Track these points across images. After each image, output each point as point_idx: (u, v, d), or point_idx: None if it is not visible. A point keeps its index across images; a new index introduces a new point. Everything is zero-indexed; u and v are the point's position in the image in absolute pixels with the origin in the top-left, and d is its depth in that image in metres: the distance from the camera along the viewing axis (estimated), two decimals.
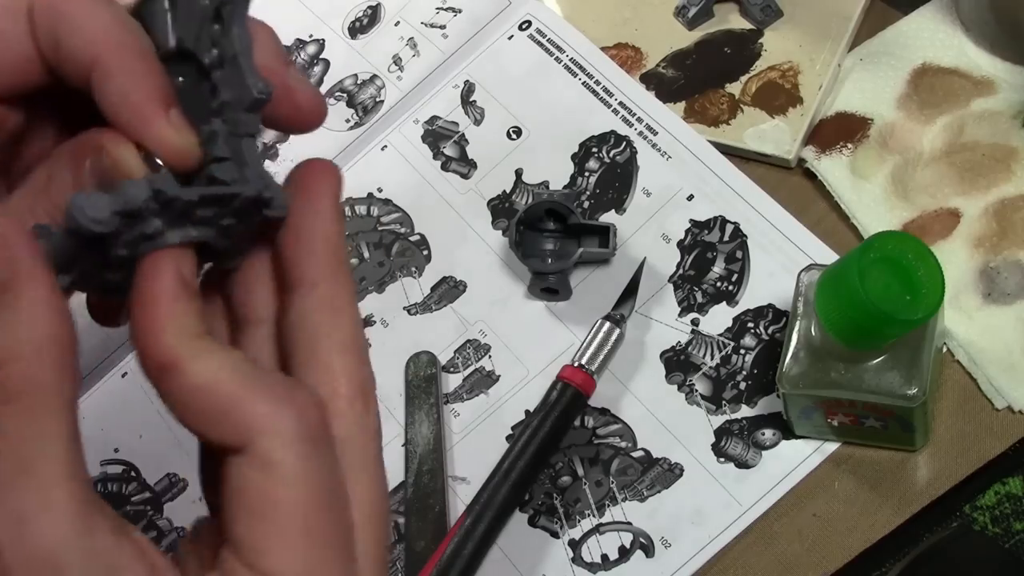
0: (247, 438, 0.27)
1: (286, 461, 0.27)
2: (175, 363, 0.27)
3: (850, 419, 0.49)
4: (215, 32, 0.29)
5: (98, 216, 0.26)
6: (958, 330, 0.52)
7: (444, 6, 0.68)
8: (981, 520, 0.49)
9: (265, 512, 0.27)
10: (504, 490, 0.53)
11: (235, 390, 0.27)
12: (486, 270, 0.60)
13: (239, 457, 0.27)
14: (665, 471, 0.53)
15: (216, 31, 0.29)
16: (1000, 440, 0.50)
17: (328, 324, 0.29)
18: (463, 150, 0.63)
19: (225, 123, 0.29)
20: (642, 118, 0.61)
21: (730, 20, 0.63)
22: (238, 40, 0.29)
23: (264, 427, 0.27)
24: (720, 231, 0.57)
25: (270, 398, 0.27)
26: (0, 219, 0.26)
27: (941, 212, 0.55)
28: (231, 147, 0.29)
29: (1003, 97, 0.56)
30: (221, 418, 0.27)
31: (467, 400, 0.57)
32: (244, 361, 0.28)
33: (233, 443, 0.27)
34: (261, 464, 0.27)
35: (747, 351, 0.54)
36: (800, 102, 0.59)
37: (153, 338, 0.27)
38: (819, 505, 0.51)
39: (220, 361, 0.27)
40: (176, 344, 0.27)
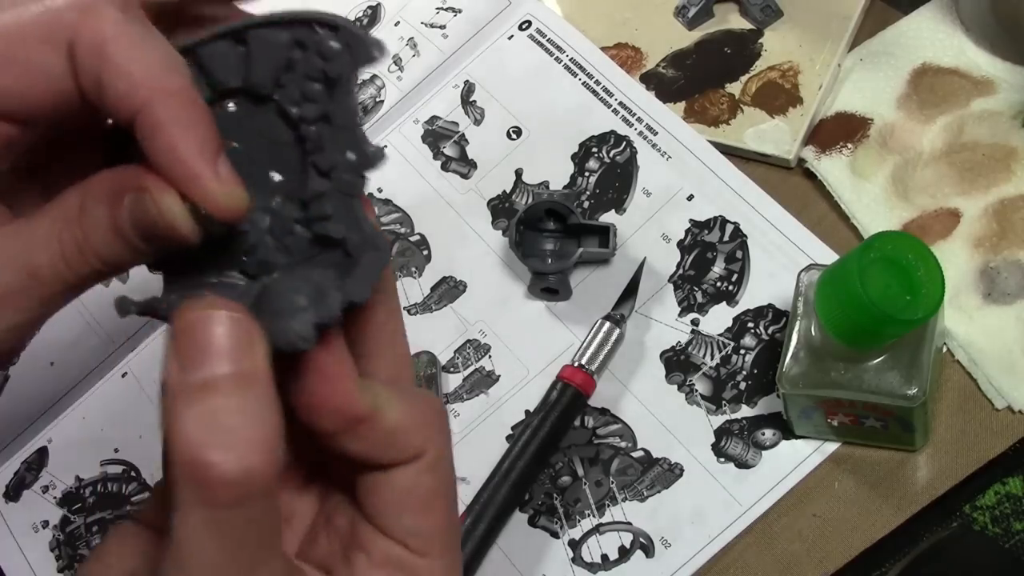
0: (422, 449, 0.31)
1: (447, 459, 0.32)
2: (371, 415, 0.30)
3: (850, 419, 0.49)
4: (314, 90, 0.30)
5: (306, 335, 0.28)
6: (958, 330, 0.52)
7: (444, 6, 0.68)
8: (981, 520, 0.49)
9: (432, 504, 0.32)
10: (504, 490, 0.53)
11: (407, 414, 0.31)
12: (486, 270, 0.60)
13: (411, 465, 0.31)
14: (665, 471, 0.53)
15: (317, 90, 0.30)
16: (1000, 440, 0.50)
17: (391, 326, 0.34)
18: (463, 150, 0.63)
19: (333, 182, 0.30)
20: (642, 118, 0.61)
21: (730, 20, 0.63)
22: (352, 108, 0.30)
23: (431, 435, 0.31)
24: (720, 231, 0.57)
25: (427, 408, 0.32)
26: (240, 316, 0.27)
27: (941, 212, 0.55)
28: (340, 205, 0.30)
29: (1003, 97, 0.56)
30: (403, 442, 0.31)
31: (467, 400, 0.57)
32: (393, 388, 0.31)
33: (406, 458, 0.31)
34: (432, 465, 0.31)
35: (747, 351, 0.54)
36: (800, 102, 0.59)
37: (347, 399, 0.30)
38: (819, 505, 0.51)
39: (394, 400, 0.31)
40: (367, 400, 0.30)
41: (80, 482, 0.63)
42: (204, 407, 0.26)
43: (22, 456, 0.64)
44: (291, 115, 0.30)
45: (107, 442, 0.63)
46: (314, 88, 0.30)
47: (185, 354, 0.27)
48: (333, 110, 0.30)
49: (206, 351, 0.27)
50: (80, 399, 0.64)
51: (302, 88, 0.30)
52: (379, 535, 0.32)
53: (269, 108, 0.31)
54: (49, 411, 0.65)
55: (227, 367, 0.26)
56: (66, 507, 0.62)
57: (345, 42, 0.29)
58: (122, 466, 0.62)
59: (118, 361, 0.64)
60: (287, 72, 0.30)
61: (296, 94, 0.30)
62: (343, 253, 0.30)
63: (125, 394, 0.64)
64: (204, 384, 0.26)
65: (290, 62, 0.30)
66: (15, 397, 0.66)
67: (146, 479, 0.61)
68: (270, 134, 0.31)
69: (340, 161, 0.30)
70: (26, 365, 0.66)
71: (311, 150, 0.30)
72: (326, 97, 0.30)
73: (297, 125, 0.30)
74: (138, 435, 0.63)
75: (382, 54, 0.29)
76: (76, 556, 0.61)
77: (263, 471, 0.26)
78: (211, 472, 0.25)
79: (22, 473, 0.64)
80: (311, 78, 0.30)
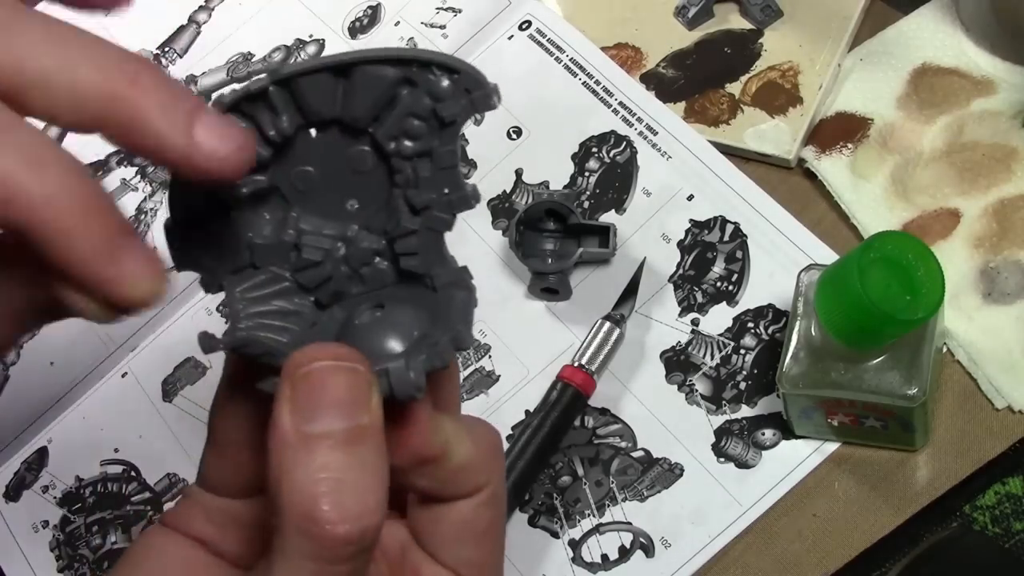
0: (484, 483, 0.31)
1: (503, 492, 0.32)
2: (443, 453, 0.30)
3: (850, 419, 0.49)
4: (416, 128, 0.30)
5: (421, 385, 0.28)
6: (958, 330, 0.52)
7: (444, 6, 0.68)
8: (981, 520, 0.49)
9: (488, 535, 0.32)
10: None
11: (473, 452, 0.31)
12: (486, 270, 0.60)
13: (470, 499, 0.31)
14: (665, 471, 0.53)
15: (419, 127, 0.30)
16: (1000, 440, 0.50)
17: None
18: (463, 150, 0.63)
19: (424, 219, 0.30)
20: (642, 118, 0.61)
21: (730, 20, 0.63)
22: (457, 152, 0.30)
23: (494, 470, 0.32)
24: (720, 231, 0.57)
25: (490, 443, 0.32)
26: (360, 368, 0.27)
27: (941, 212, 0.55)
28: (428, 242, 0.30)
29: (1003, 97, 0.56)
30: (467, 479, 0.31)
31: (467, 400, 0.57)
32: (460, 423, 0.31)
33: (470, 491, 0.31)
34: (491, 498, 0.32)
35: (747, 351, 0.54)
36: (800, 102, 0.59)
37: (423, 440, 0.29)
38: (819, 505, 0.51)
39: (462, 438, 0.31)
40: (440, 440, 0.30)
41: (80, 482, 0.63)
42: (320, 460, 0.26)
43: (22, 456, 0.64)
44: (386, 149, 0.30)
45: (107, 442, 0.63)
46: (416, 126, 0.30)
47: (301, 403, 0.26)
48: (438, 150, 0.30)
49: (325, 403, 0.26)
50: (80, 399, 0.64)
51: (402, 125, 0.30)
52: (431, 562, 0.32)
53: (361, 140, 0.30)
54: (49, 411, 0.65)
55: (345, 421, 0.26)
56: (66, 507, 0.62)
57: (464, 87, 0.29)
58: (122, 466, 0.62)
59: (118, 361, 0.64)
60: (387, 107, 0.30)
61: (395, 130, 0.30)
62: (425, 287, 0.30)
63: (125, 394, 0.64)
64: (321, 436, 0.26)
65: (393, 99, 0.30)
66: (15, 397, 0.66)
67: (146, 479, 0.61)
68: (354, 163, 0.30)
69: (435, 199, 0.30)
70: (26, 365, 0.66)
71: (402, 184, 0.30)
72: (429, 136, 0.30)
73: (389, 159, 0.30)
74: (138, 435, 0.63)
75: (500, 101, 0.29)
76: (76, 556, 0.61)
77: (376, 527, 0.26)
78: (328, 530, 0.25)
79: (22, 473, 0.64)
80: (415, 116, 0.30)
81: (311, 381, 0.26)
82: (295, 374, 0.27)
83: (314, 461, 0.26)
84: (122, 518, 0.61)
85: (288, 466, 0.26)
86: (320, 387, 0.26)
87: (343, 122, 0.30)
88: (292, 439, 0.26)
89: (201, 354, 0.63)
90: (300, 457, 0.26)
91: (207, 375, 0.62)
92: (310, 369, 0.27)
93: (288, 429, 0.26)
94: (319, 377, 0.26)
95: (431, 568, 0.32)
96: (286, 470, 0.26)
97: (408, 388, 0.28)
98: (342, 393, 0.26)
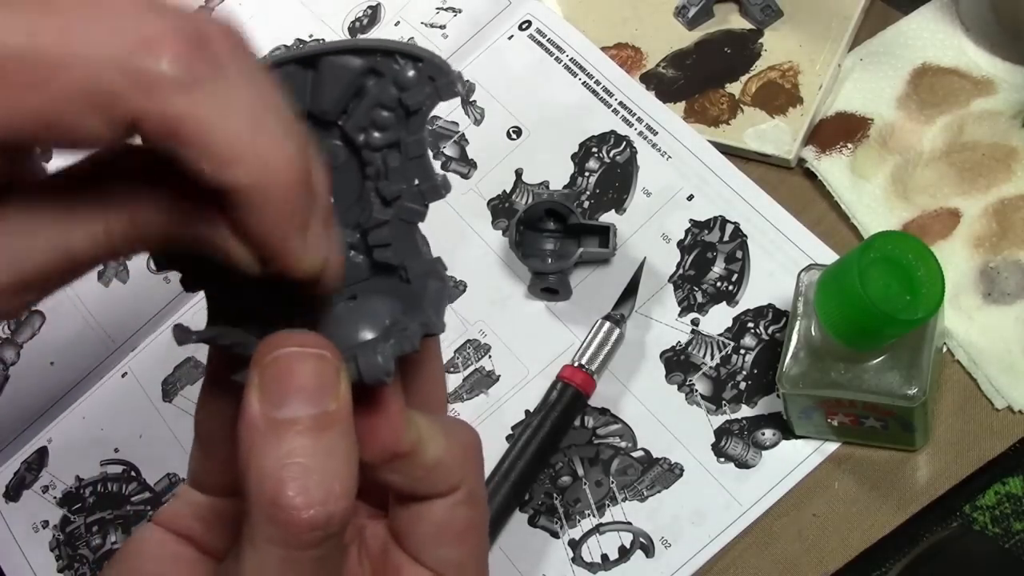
0: (459, 483, 0.31)
1: (481, 491, 0.32)
2: (415, 449, 0.30)
3: (850, 419, 0.49)
4: (384, 119, 0.30)
5: (390, 369, 0.28)
6: (958, 330, 0.52)
7: (444, 6, 0.68)
8: (981, 520, 0.49)
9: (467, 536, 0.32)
10: (504, 490, 0.53)
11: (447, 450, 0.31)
12: (486, 270, 0.60)
13: (449, 498, 0.31)
14: (665, 471, 0.53)
15: (387, 118, 0.30)
16: (1000, 440, 0.50)
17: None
18: (463, 150, 0.63)
19: (396, 210, 0.30)
20: (642, 118, 0.61)
21: (730, 20, 0.63)
22: (425, 139, 0.30)
23: (469, 469, 0.32)
24: (720, 231, 0.57)
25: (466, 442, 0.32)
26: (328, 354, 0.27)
27: (941, 212, 0.55)
28: (401, 233, 0.30)
29: (1003, 97, 0.56)
30: (441, 477, 0.31)
31: (467, 400, 0.57)
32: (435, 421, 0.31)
33: (444, 490, 0.31)
34: (468, 498, 0.31)
35: (747, 351, 0.54)
36: (800, 102, 0.59)
37: (393, 434, 0.29)
38: (819, 505, 0.51)
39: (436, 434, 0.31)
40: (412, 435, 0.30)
41: (80, 482, 0.63)
42: (287, 446, 0.26)
43: (22, 456, 0.64)
44: (355, 141, 0.30)
45: (107, 442, 0.63)
46: (384, 117, 0.30)
47: (269, 390, 0.26)
48: (406, 140, 0.30)
49: (292, 389, 0.26)
50: (80, 399, 0.64)
51: (371, 116, 0.30)
52: (412, 563, 0.32)
53: (331, 133, 0.30)
54: (49, 411, 0.65)
55: (312, 408, 0.26)
56: (66, 507, 0.62)
57: (428, 75, 0.29)
58: (122, 466, 0.62)
59: (118, 361, 0.64)
60: (355, 99, 0.30)
61: (364, 121, 0.30)
62: (400, 279, 0.30)
63: (125, 394, 0.64)
64: (288, 422, 0.26)
65: (360, 89, 0.30)
66: (15, 397, 0.66)
67: (146, 479, 0.61)
68: (327, 159, 0.30)
69: (405, 190, 0.30)
70: (26, 365, 0.66)
71: (372, 176, 0.30)
72: (397, 126, 0.30)
73: (359, 151, 0.30)
74: (138, 435, 0.63)
75: (465, 89, 0.29)
76: (76, 556, 0.61)
77: (343, 514, 0.26)
78: (294, 515, 0.25)
79: (22, 473, 0.64)
80: (383, 106, 0.30)
81: (278, 368, 0.27)
82: (262, 361, 0.27)
83: (281, 447, 0.26)
84: (122, 518, 0.61)
85: (256, 452, 0.26)
86: (287, 374, 0.26)
87: (313, 116, 0.30)
88: (260, 425, 0.26)
89: (201, 354, 0.63)
90: (268, 443, 0.26)
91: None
92: (277, 356, 0.27)
93: (256, 415, 0.26)
94: (286, 364, 0.27)
95: (412, 568, 0.32)
96: (254, 456, 0.26)
97: (377, 373, 0.28)
98: (309, 379, 0.26)
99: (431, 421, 0.31)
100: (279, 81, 0.28)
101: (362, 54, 0.30)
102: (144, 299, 0.65)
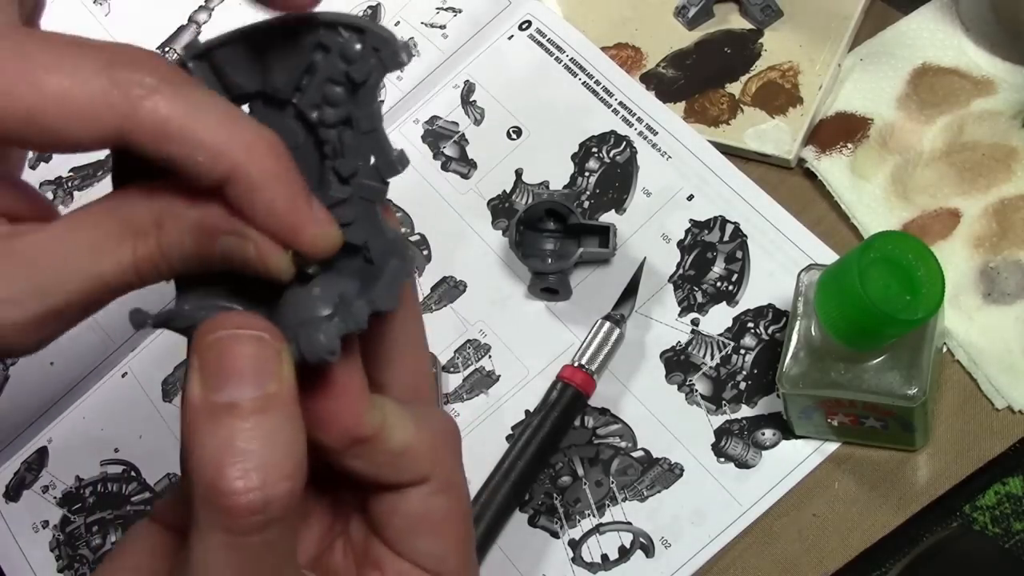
0: (430, 472, 0.31)
1: (459, 481, 0.32)
2: (376, 436, 0.29)
3: (850, 419, 0.49)
4: (336, 94, 0.29)
5: (333, 347, 0.27)
6: (958, 330, 0.52)
7: (444, 6, 0.68)
8: (981, 520, 0.49)
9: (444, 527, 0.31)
10: (504, 490, 0.53)
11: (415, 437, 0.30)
12: (486, 270, 0.60)
13: (421, 488, 0.31)
14: (665, 471, 0.53)
15: (338, 94, 0.29)
16: (1000, 440, 0.50)
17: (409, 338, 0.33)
18: (463, 150, 0.63)
19: (354, 188, 0.29)
20: (642, 118, 0.61)
21: (730, 20, 0.63)
22: (377, 112, 0.29)
23: (442, 457, 0.31)
24: (720, 231, 0.57)
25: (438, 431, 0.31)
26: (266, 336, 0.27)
27: (941, 212, 0.55)
28: (361, 212, 0.30)
29: (1003, 97, 0.56)
30: (409, 465, 0.30)
31: (467, 400, 0.57)
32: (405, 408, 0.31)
33: (413, 480, 0.31)
34: (443, 488, 0.31)
35: (747, 351, 0.54)
36: (800, 102, 0.59)
37: (354, 418, 0.29)
38: (819, 505, 0.51)
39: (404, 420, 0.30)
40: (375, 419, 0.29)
41: (80, 482, 0.63)
42: (226, 430, 0.26)
43: (22, 456, 0.64)
44: (310, 119, 0.30)
45: (107, 442, 0.63)
46: (335, 92, 0.29)
47: (208, 373, 0.26)
48: (356, 114, 0.29)
49: (230, 372, 0.26)
50: (80, 399, 0.64)
51: (323, 92, 0.29)
52: (392, 555, 0.31)
53: (287, 112, 0.30)
54: (49, 411, 0.65)
55: (251, 390, 0.26)
56: (66, 507, 0.62)
57: (372, 46, 0.29)
58: (122, 466, 0.62)
59: (118, 361, 0.64)
60: (307, 75, 0.29)
61: (316, 97, 0.29)
62: (364, 260, 0.30)
63: (125, 394, 0.64)
64: (227, 406, 0.26)
65: (311, 65, 0.29)
66: (15, 397, 0.66)
67: (146, 479, 0.61)
68: (286, 139, 0.30)
69: (362, 167, 0.29)
70: (26, 365, 0.66)
71: (330, 155, 0.30)
72: (348, 101, 0.29)
73: (315, 129, 0.30)
74: (138, 435, 0.63)
75: (410, 58, 0.29)
76: (76, 556, 0.61)
77: (284, 498, 0.26)
78: (231, 500, 0.25)
79: (22, 473, 0.64)
80: (333, 81, 0.29)
81: (216, 350, 0.26)
82: (201, 344, 0.27)
83: (221, 431, 0.26)
84: (122, 518, 0.61)
85: (197, 436, 0.26)
86: (225, 356, 0.26)
87: (267, 95, 0.30)
88: (200, 408, 0.26)
89: None
90: (207, 427, 0.26)
91: None
92: (215, 338, 0.27)
93: (196, 398, 0.26)
94: (224, 346, 0.26)
95: (393, 561, 0.31)
96: (195, 440, 0.26)
97: (319, 350, 0.27)
98: (247, 362, 0.26)
99: (400, 408, 0.31)
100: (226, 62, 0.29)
101: (307, 28, 0.29)
102: (144, 299, 0.65)
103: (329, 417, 0.29)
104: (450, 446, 0.32)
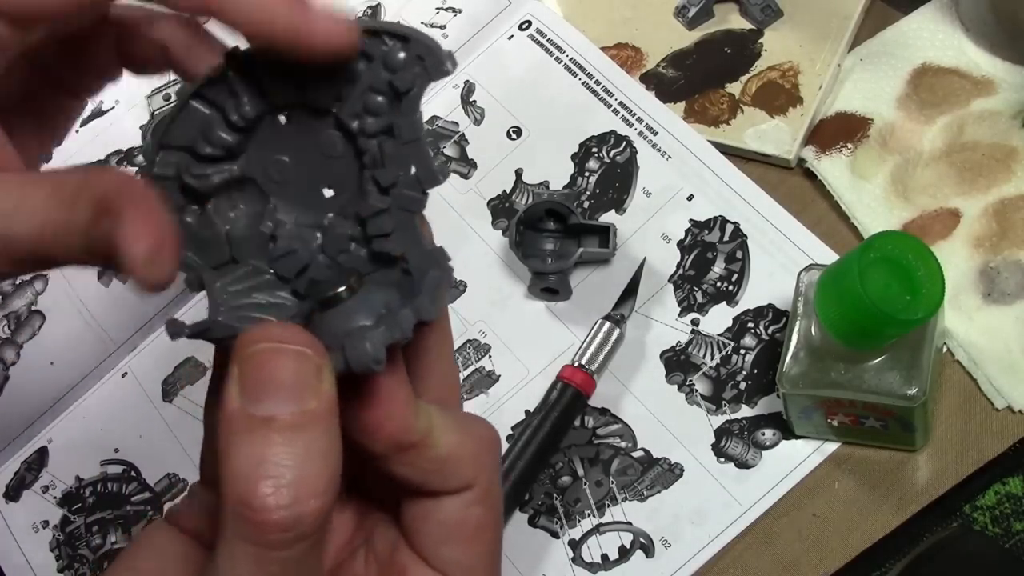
0: (473, 480, 0.30)
1: (497, 491, 0.31)
2: (423, 442, 0.29)
3: (850, 419, 0.49)
4: (377, 103, 0.29)
5: (380, 357, 0.27)
6: (958, 330, 0.52)
7: (444, 6, 0.68)
8: (981, 520, 0.49)
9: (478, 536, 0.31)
10: (504, 490, 0.53)
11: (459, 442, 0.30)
12: (486, 270, 0.60)
13: (464, 495, 0.30)
14: (665, 471, 0.53)
15: (380, 103, 0.29)
16: (1000, 440, 0.50)
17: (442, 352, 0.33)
18: (463, 150, 0.63)
19: (393, 198, 0.29)
20: (642, 118, 0.61)
21: (730, 20, 0.63)
22: (420, 122, 0.29)
23: (483, 465, 0.31)
24: (720, 231, 0.57)
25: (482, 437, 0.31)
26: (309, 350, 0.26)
27: (941, 212, 0.55)
28: (400, 222, 0.29)
29: (1003, 97, 0.56)
30: (453, 472, 0.30)
31: (467, 400, 0.57)
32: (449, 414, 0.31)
33: (455, 487, 0.30)
34: (483, 496, 0.31)
35: (747, 351, 0.54)
36: (800, 102, 0.59)
37: (402, 423, 0.29)
38: (819, 505, 0.51)
39: (449, 427, 0.30)
40: (422, 425, 0.29)
41: (80, 482, 0.63)
42: (262, 444, 0.25)
43: (22, 456, 0.64)
44: (350, 128, 0.29)
45: (107, 442, 0.63)
46: (377, 101, 0.29)
47: (248, 384, 0.26)
48: (398, 124, 0.29)
49: (270, 386, 0.26)
50: (80, 399, 0.64)
51: (364, 101, 0.29)
52: (420, 564, 0.31)
53: (327, 122, 0.30)
54: (49, 411, 0.65)
55: (290, 406, 0.26)
56: (66, 507, 0.62)
57: (416, 54, 0.29)
58: (122, 466, 0.62)
59: (118, 361, 0.64)
60: (348, 84, 0.29)
61: (357, 107, 0.29)
62: (402, 271, 0.29)
63: (125, 394, 0.64)
64: (264, 420, 0.26)
65: (352, 74, 0.29)
66: (15, 397, 0.66)
67: (146, 479, 0.61)
68: (324, 148, 0.30)
69: (402, 177, 0.29)
70: (26, 365, 0.66)
71: (370, 164, 0.29)
72: (390, 110, 0.29)
73: (355, 139, 0.30)
74: (138, 435, 0.63)
75: (455, 67, 0.28)
76: (76, 556, 0.61)
77: (314, 515, 0.26)
78: (262, 515, 0.25)
79: (22, 473, 0.64)
80: (375, 90, 0.29)
81: (258, 362, 0.26)
82: (242, 354, 0.26)
83: (256, 444, 0.25)
84: (122, 518, 0.61)
85: (232, 447, 0.26)
86: (267, 369, 0.26)
87: (308, 105, 0.30)
88: (238, 420, 0.26)
89: (201, 354, 0.63)
90: (244, 439, 0.26)
91: (207, 375, 0.62)
92: (258, 349, 0.26)
93: (234, 410, 0.26)
94: (266, 358, 0.26)
95: (419, 569, 0.31)
96: (230, 452, 0.26)
97: (365, 360, 0.27)
98: (288, 376, 0.26)
99: (445, 413, 0.30)
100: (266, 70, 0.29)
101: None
102: (144, 299, 0.65)
103: (377, 424, 0.28)
104: (493, 453, 0.32)
